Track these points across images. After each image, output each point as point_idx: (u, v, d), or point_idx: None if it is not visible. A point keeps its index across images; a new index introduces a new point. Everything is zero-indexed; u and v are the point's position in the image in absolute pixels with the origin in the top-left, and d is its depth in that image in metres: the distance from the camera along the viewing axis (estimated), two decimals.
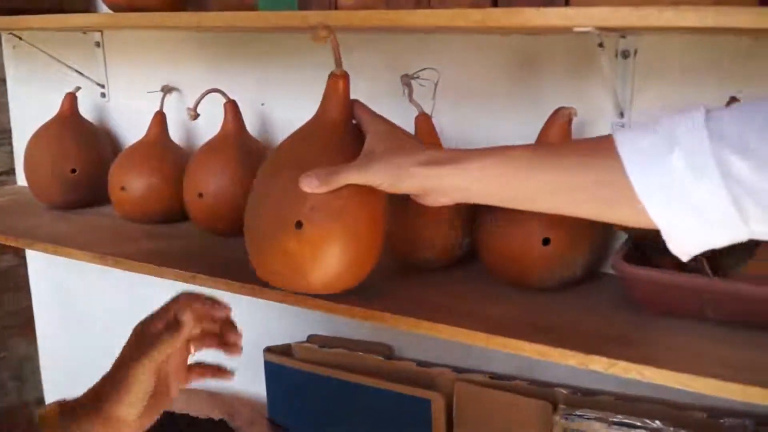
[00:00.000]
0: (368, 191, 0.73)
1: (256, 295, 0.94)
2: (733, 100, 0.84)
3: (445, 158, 0.68)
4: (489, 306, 0.88)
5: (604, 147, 0.59)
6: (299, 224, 0.74)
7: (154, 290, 1.36)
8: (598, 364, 0.75)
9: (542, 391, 1.02)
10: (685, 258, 0.60)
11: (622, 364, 0.73)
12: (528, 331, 0.80)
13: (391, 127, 0.77)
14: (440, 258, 0.97)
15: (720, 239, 0.57)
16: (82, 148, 1.31)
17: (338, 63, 0.79)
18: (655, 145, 0.56)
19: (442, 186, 0.68)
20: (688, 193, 0.54)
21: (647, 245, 0.85)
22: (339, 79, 0.80)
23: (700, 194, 0.54)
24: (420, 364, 1.13)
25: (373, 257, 0.81)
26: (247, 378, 1.31)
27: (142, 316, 0.78)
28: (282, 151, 0.82)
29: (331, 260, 0.76)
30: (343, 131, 0.80)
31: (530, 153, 0.65)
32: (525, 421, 1.00)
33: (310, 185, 0.74)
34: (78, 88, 1.34)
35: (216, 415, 1.28)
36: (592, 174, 0.60)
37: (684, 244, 0.59)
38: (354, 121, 0.82)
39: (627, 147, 0.58)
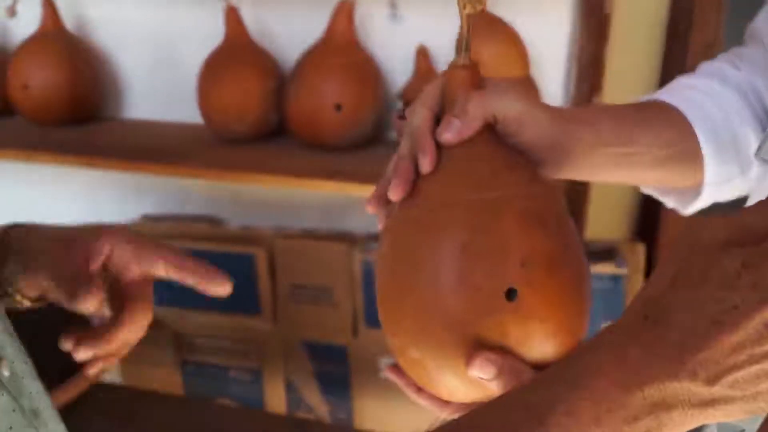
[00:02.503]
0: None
1: (114, 167, 1.09)
2: None
3: None
4: (296, 163, 1.10)
5: None
6: (512, 293, 0.42)
7: None
8: None
9: (344, 236, 1.27)
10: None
11: None
12: (326, 175, 1.03)
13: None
14: (253, 131, 1.16)
15: None
16: None
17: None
18: None
19: None
20: None
21: None
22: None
23: None
24: (243, 227, 1.33)
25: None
26: None
27: None
28: (423, 199, 0.44)
29: (554, 326, 0.43)
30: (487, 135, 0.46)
31: None
32: (332, 260, 1.25)
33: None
34: None
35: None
36: None
37: None
38: None
39: None
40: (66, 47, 1.23)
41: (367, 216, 1.17)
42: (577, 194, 1.15)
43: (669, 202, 0.62)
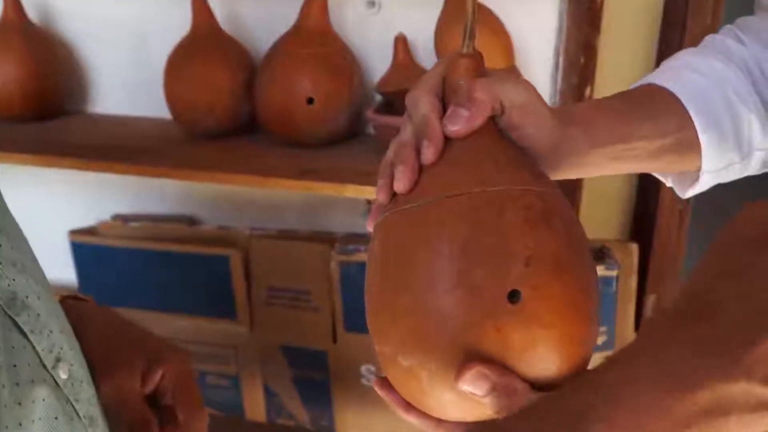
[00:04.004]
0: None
1: (79, 167, 1.04)
2: None
3: None
4: (267, 160, 1.03)
5: None
6: (515, 295, 0.38)
7: None
8: (350, 191, 0.93)
9: (322, 236, 1.21)
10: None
11: (369, 189, 0.93)
12: (297, 173, 0.97)
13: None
14: (223, 126, 1.09)
15: None
16: None
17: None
18: None
19: None
20: None
21: (396, 101, 1.04)
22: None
23: None
24: (219, 227, 1.27)
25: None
26: (54, 262, 1.37)
27: None
28: (427, 194, 0.41)
29: (560, 334, 0.39)
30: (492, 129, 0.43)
31: None
32: (309, 261, 1.19)
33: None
34: None
35: None
36: None
37: None
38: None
39: None
40: (29, 39, 1.16)
41: (346, 216, 1.09)
42: (568, 191, 1.09)
43: (667, 182, 0.59)
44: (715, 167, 0.53)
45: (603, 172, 0.51)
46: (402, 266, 0.39)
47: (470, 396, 0.37)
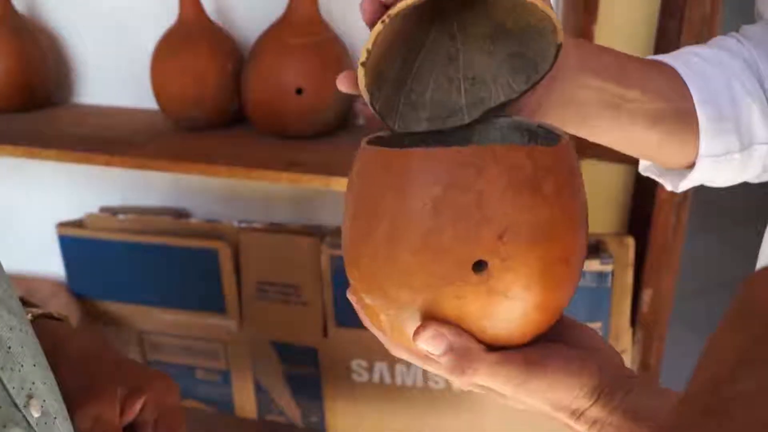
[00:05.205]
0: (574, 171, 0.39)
1: (65, 159, 1.02)
2: None
3: None
4: (255, 152, 1.01)
5: None
6: (481, 265, 0.36)
7: None
8: (338, 184, 0.91)
9: (313, 230, 1.19)
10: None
11: None
12: (284, 165, 0.95)
13: None
14: (211, 117, 1.07)
15: None
16: None
17: None
18: None
19: None
20: None
21: None
22: None
23: None
24: (208, 221, 1.25)
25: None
26: (42, 256, 1.36)
27: None
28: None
29: (524, 305, 0.37)
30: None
31: None
32: (299, 255, 1.17)
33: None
34: None
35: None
36: None
37: None
38: None
39: None
40: (15, 30, 1.14)
41: (336, 209, 1.05)
42: None
43: (667, 184, 0.57)
44: (714, 151, 0.51)
45: (601, 132, 0.48)
46: (371, 211, 0.37)
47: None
